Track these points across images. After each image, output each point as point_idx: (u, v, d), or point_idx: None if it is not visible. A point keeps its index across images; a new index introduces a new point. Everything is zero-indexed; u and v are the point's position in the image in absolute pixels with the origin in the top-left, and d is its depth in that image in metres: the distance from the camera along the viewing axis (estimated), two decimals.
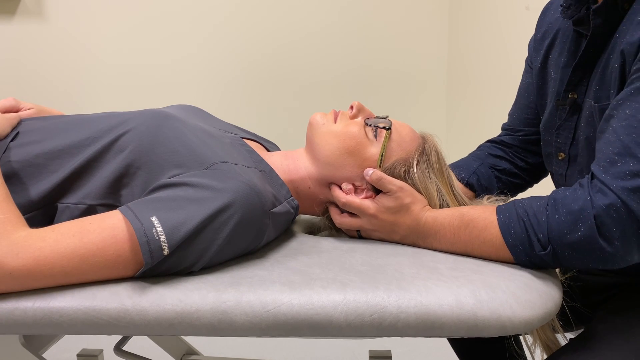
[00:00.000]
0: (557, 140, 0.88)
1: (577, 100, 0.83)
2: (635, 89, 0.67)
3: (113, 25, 2.28)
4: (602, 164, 0.66)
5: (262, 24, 2.37)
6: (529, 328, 0.63)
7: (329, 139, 0.85)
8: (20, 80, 2.25)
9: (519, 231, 0.69)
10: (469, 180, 0.99)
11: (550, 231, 0.66)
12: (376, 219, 0.81)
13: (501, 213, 0.72)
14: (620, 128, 0.66)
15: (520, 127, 1.02)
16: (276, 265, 0.72)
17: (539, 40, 0.95)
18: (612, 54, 0.75)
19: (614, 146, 0.66)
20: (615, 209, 0.62)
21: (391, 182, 0.81)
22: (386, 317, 0.62)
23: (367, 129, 0.86)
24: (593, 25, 0.77)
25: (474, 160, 1.03)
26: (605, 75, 0.76)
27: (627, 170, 0.63)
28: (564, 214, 0.66)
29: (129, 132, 0.78)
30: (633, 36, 0.70)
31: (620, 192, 0.63)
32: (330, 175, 0.86)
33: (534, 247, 0.68)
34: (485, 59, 2.17)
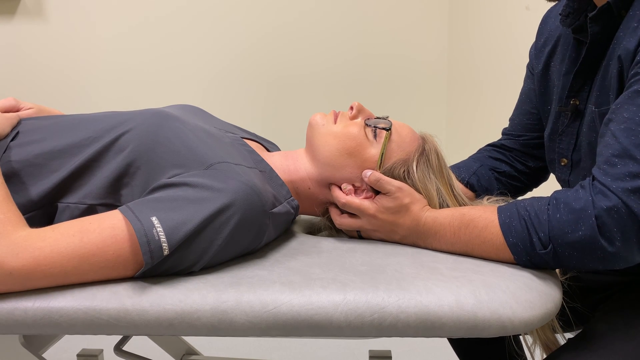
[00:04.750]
0: (560, 146, 0.88)
1: (579, 107, 0.84)
2: (633, 93, 0.67)
3: (113, 25, 2.28)
4: (602, 167, 0.67)
5: (262, 23, 2.37)
6: (529, 328, 0.63)
7: (329, 140, 0.85)
8: (20, 80, 2.25)
9: (519, 230, 0.69)
10: (469, 181, 0.99)
11: (552, 230, 0.66)
12: (376, 219, 0.81)
13: (502, 212, 0.72)
14: (618, 131, 0.67)
15: (522, 132, 1.02)
16: (276, 265, 0.72)
17: (540, 47, 0.96)
18: (610, 60, 0.75)
19: (613, 149, 0.67)
20: (616, 210, 0.63)
21: (389, 183, 0.81)
22: (386, 317, 0.62)
23: (367, 130, 0.85)
24: (591, 33, 0.77)
25: (474, 162, 1.03)
26: (606, 81, 0.77)
27: (627, 172, 0.64)
28: (566, 213, 0.66)
29: (129, 131, 0.77)
30: (629, 42, 0.70)
31: (621, 193, 0.63)
32: (330, 175, 0.86)
33: (534, 246, 0.68)
34: (486, 59, 2.17)
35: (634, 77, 0.68)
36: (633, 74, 0.69)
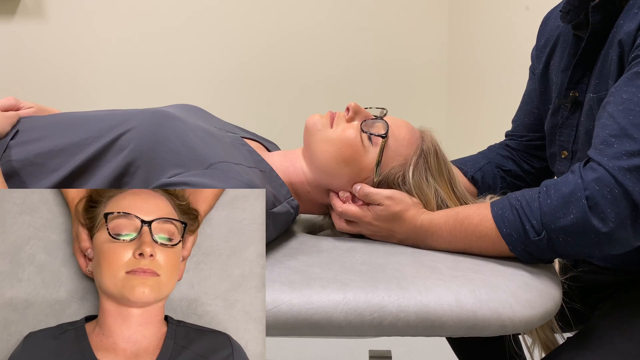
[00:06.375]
0: (560, 138, 0.89)
1: (579, 98, 0.85)
2: (633, 74, 0.68)
3: (113, 25, 2.28)
4: (599, 147, 0.67)
5: (262, 23, 2.37)
6: (529, 327, 0.63)
7: (326, 147, 0.85)
8: (20, 80, 2.24)
9: (512, 219, 0.69)
10: (474, 176, 1.00)
11: (543, 216, 0.66)
12: (372, 226, 0.83)
13: (494, 205, 0.73)
14: (616, 112, 0.67)
15: (525, 132, 1.03)
16: (276, 264, 0.72)
17: (541, 48, 0.97)
18: (610, 48, 0.76)
19: (610, 129, 0.66)
20: (609, 190, 0.62)
21: (378, 194, 0.81)
22: (386, 317, 0.62)
23: (363, 136, 0.85)
24: (592, 22, 0.78)
25: (482, 158, 1.04)
26: (604, 69, 0.77)
27: (624, 151, 0.64)
28: (556, 198, 0.66)
29: (130, 131, 0.77)
30: (630, 26, 0.71)
31: (617, 172, 0.63)
32: (327, 183, 0.86)
33: (528, 234, 0.68)
34: (486, 59, 2.17)
35: (634, 60, 0.69)
36: (633, 57, 0.69)
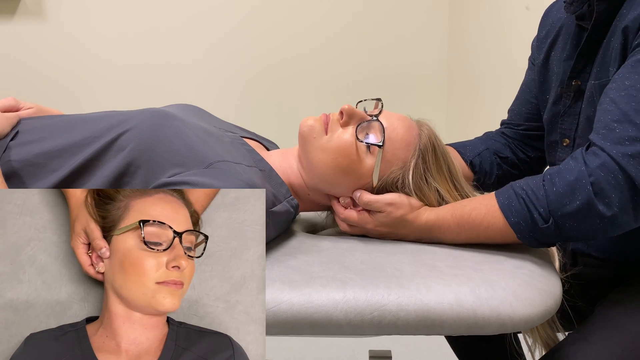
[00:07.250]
0: (562, 126, 0.90)
1: (581, 87, 0.85)
2: (636, 62, 0.69)
3: (113, 25, 2.28)
4: (601, 132, 0.67)
5: (262, 23, 2.37)
6: (529, 325, 0.63)
7: (322, 157, 0.83)
8: (20, 80, 2.24)
9: (519, 209, 0.70)
10: (472, 161, 1.01)
11: (550, 204, 0.67)
12: (376, 231, 0.83)
13: (499, 195, 0.73)
14: (619, 97, 0.68)
15: (521, 121, 1.04)
16: (276, 263, 0.72)
17: (542, 38, 0.98)
18: (612, 36, 0.77)
19: (612, 114, 0.67)
20: (613, 175, 0.63)
21: (379, 201, 0.81)
22: (386, 315, 0.62)
23: (359, 144, 0.82)
24: (597, 12, 0.79)
25: (480, 143, 1.05)
26: (606, 57, 0.78)
27: (626, 136, 0.64)
28: (561, 185, 0.67)
29: (129, 131, 0.77)
30: (634, 13, 0.72)
31: (620, 158, 0.63)
32: (327, 190, 0.86)
33: (536, 222, 0.69)
34: (486, 59, 2.17)
35: (637, 47, 0.70)
36: (637, 44, 0.70)
